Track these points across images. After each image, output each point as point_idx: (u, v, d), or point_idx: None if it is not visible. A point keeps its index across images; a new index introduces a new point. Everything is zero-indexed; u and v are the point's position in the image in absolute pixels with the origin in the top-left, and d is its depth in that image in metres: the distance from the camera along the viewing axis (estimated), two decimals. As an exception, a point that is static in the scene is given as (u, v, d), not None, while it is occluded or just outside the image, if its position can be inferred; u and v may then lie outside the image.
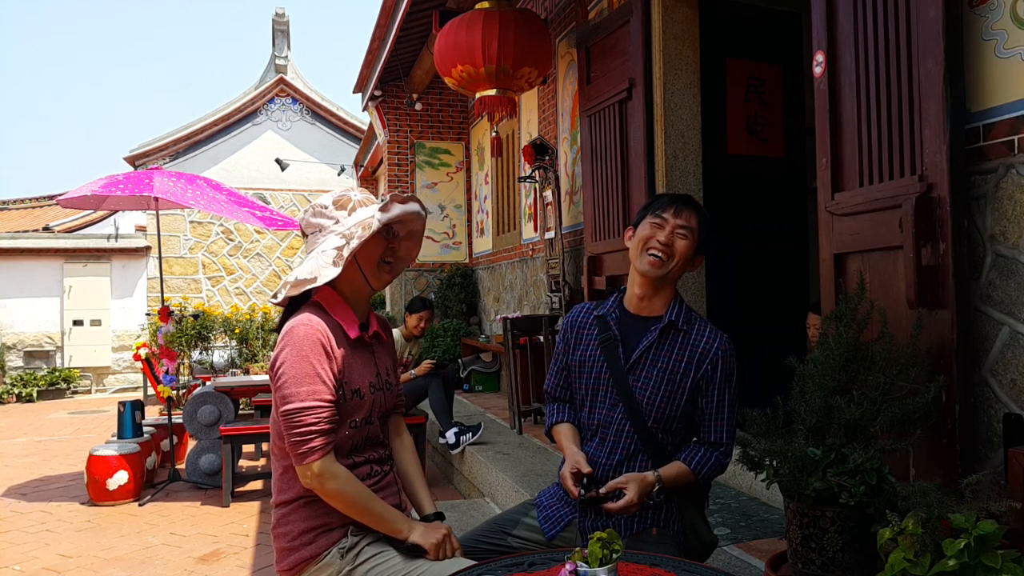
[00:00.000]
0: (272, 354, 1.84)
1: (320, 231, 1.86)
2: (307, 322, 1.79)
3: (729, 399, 1.98)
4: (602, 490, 1.87)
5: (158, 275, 6.19)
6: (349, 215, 1.84)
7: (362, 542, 1.81)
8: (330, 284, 1.86)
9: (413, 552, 1.79)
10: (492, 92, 5.05)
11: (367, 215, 1.83)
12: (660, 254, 1.97)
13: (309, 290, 1.85)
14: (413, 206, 1.90)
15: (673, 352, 1.98)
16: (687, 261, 2.00)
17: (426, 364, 5.26)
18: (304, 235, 1.91)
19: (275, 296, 1.89)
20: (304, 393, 1.73)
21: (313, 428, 1.73)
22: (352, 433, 1.84)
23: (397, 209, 1.85)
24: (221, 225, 13.94)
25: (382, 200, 1.88)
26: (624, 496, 1.84)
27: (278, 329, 1.88)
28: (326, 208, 1.86)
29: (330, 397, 1.76)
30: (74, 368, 13.05)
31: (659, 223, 1.99)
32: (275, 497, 1.88)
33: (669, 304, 2.03)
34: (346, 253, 1.78)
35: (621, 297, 2.10)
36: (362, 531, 1.82)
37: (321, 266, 1.79)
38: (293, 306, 1.89)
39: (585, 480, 1.89)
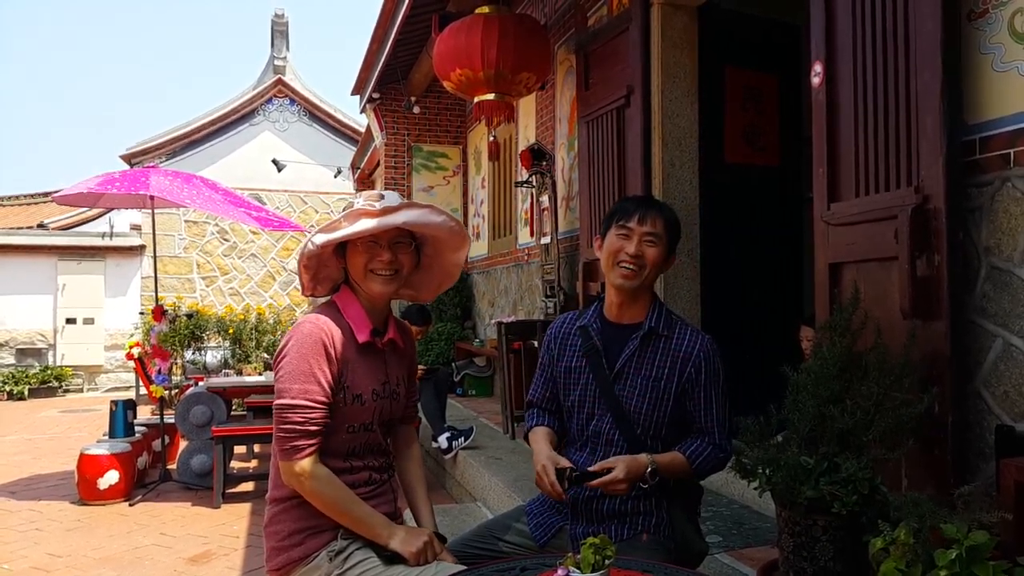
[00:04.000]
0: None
1: None
2: (315, 320, 1.81)
3: (717, 399, 1.97)
4: (591, 468, 1.84)
5: (152, 274, 6.18)
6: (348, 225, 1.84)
7: (351, 546, 1.80)
8: (349, 286, 1.90)
9: (394, 559, 1.78)
10: (490, 96, 5.06)
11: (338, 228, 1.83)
12: (631, 266, 1.95)
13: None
14: (381, 222, 1.79)
15: (656, 359, 1.97)
16: (660, 267, 1.99)
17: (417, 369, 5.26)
18: None
19: None
20: (296, 391, 1.74)
21: (299, 427, 1.73)
22: (348, 438, 1.83)
23: (345, 230, 1.79)
24: (216, 225, 13.91)
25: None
26: (611, 472, 1.81)
27: None
28: (339, 214, 1.86)
29: (323, 399, 1.75)
30: (66, 366, 12.99)
31: (625, 234, 1.97)
32: (270, 492, 1.88)
33: (648, 310, 2.01)
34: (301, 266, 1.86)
35: (601, 306, 2.08)
36: (352, 535, 1.81)
37: None
38: None
39: (569, 472, 1.84)
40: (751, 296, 4.56)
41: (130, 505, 5.19)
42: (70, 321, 13.08)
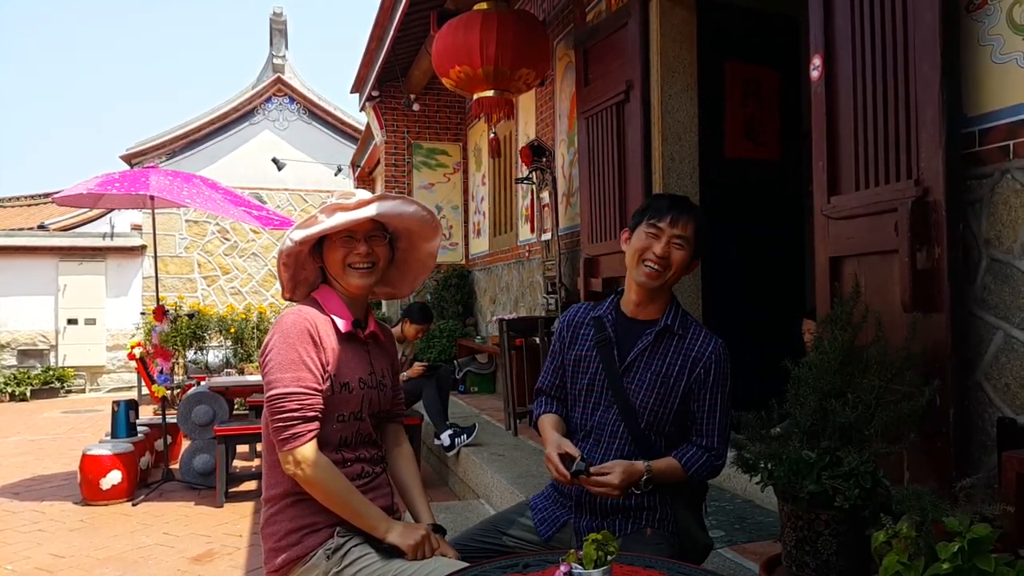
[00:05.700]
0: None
1: None
2: (297, 312, 1.83)
3: (721, 404, 1.97)
4: (592, 469, 1.84)
5: (153, 274, 6.19)
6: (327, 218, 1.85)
7: (349, 543, 1.80)
8: (327, 283, 1.92)
9: (391, 553, 1.78)
10: (490, 93, 5.05)
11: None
12: (656, 266, 1.95)
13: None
14: (357, 213, 1.82)
15: (667, 356, 1.98)
16: (684, 269, 2.00)
17: (418, 367, 5.26)
18: None
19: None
20: (288, 379, 1.74)
21: (296, 414, 1.73)
22: (340, 427, 1.84)
23: (322, 224, 1.81)
24: (217, 224, 13.92)
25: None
26: (607, 476, 1.82)
27: None
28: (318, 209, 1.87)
29: (316, 385, 1.77)
30: (68, 367, 13.00)
31: (655, 233, 1.96)
32: (264, 492, 1.88)
33: (665, 308, 2.02)
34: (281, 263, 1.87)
35: (618, 299, 2.09)
36: (349, 532, 1.81)
37: None
38: None
39: (568, 463, 1.86)
40: (751, 291, 4.56)
41: (133, 505, 5.19)
42: (72, 322, 13.09)
